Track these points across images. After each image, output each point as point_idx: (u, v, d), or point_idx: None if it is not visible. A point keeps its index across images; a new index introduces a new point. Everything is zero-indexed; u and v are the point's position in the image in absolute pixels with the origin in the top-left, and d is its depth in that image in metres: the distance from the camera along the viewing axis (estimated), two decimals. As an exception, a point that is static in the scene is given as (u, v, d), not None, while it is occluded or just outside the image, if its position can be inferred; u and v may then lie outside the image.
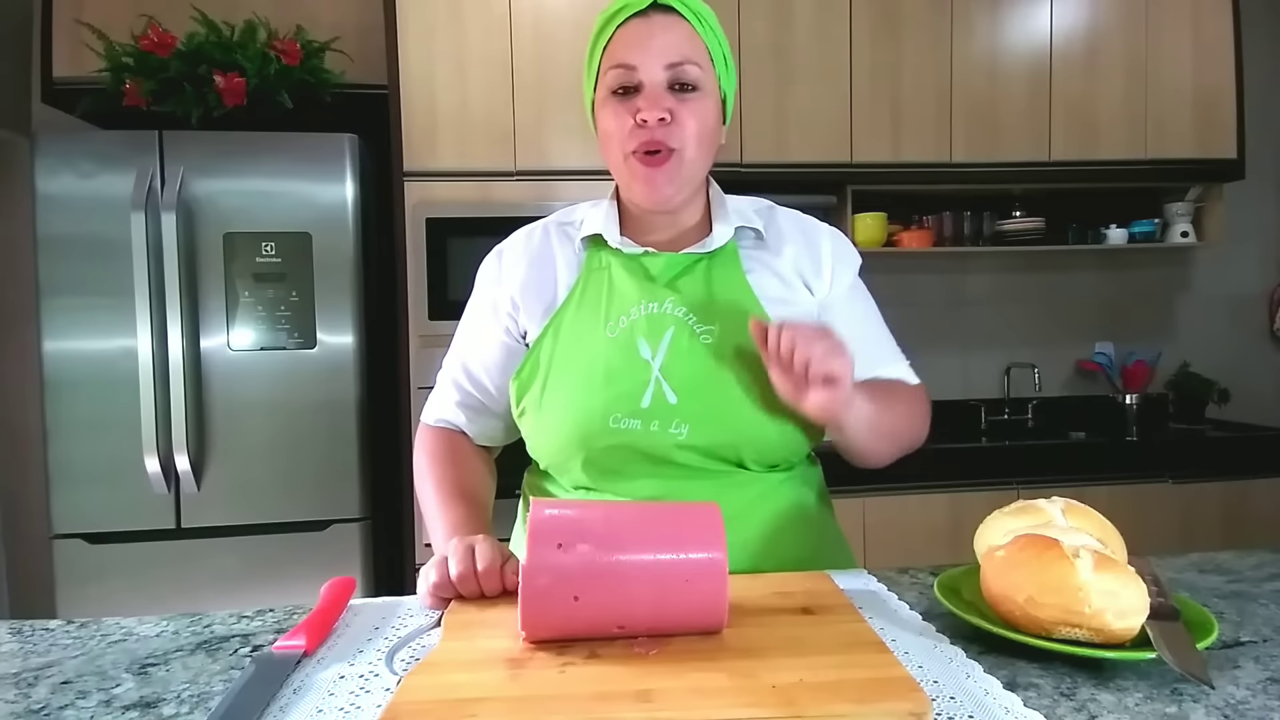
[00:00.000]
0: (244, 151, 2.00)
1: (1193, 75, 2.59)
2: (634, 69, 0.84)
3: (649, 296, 0.88)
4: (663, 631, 0.62)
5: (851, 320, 0.93)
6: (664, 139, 0.84)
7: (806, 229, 0.97)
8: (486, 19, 2.12)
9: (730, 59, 0.90)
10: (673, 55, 0.84)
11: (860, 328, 0.94)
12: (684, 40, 0.85)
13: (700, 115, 0.85)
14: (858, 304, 0.96)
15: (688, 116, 0.84)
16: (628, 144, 0.85)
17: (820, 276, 0.93)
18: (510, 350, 0.95)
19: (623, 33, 0.85)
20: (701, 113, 0.85)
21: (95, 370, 1.95)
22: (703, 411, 0.84)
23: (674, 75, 0.84)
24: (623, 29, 0.85)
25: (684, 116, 0.84)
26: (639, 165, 0.85)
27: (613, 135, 0.86)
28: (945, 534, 2.32)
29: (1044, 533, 0.67)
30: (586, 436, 0.85)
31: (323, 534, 2.06)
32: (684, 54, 0.84)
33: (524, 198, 2.13)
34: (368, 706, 0.57)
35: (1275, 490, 2.49)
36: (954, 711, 0.55)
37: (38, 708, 0.58)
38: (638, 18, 0.85)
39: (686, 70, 0.84)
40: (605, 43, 0.87)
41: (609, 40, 0.86)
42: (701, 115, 0.85)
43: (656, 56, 0.83)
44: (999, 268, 2.92)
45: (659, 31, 0.84)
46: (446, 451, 0.96)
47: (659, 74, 0.84)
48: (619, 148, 0.86)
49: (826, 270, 0.94)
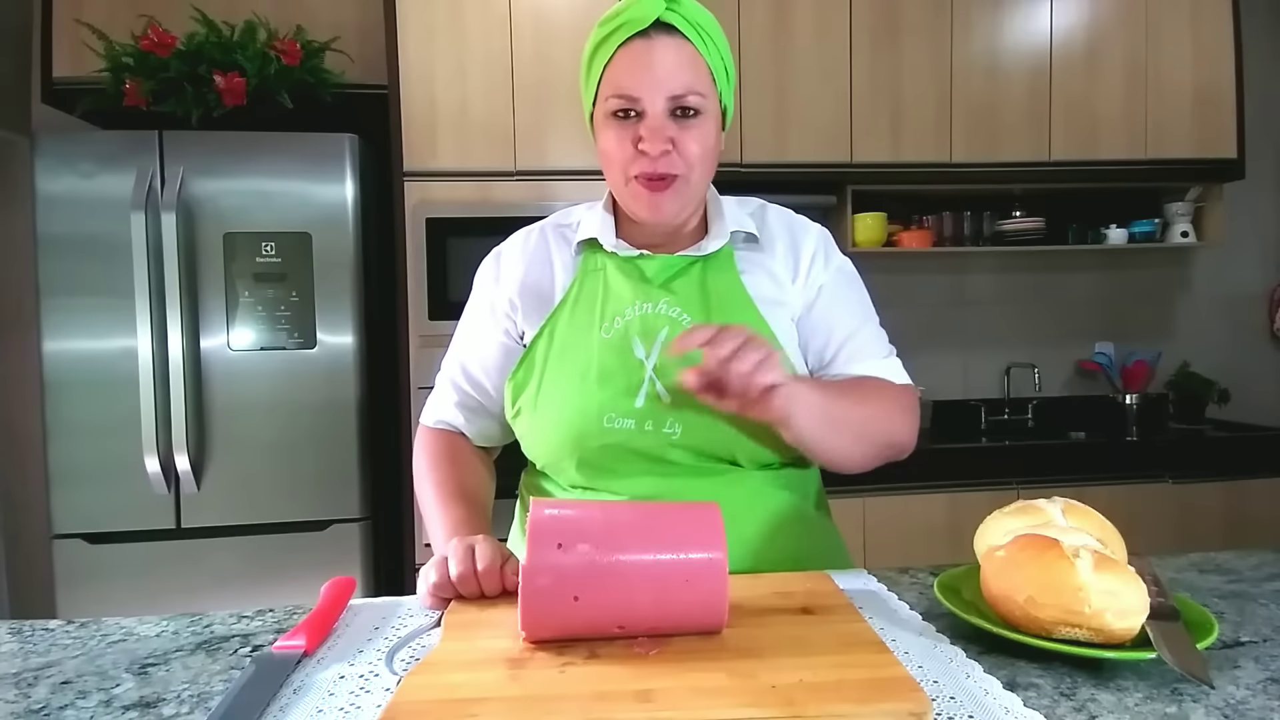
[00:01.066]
0: (244, 151, 2.00)
1: (1193, 75, 2.59)
2: (636, 100, 0.83)
3: (643, 297, 0.88)
4: (663, 631, 0.62)
5: (832, 315, 0.93)
6: (667, 168, 0.84)
7: (794, 228, 0.96)
8: (486, 19, 2.12)
9: (731, 68, 0.89)
10: (675, 86, 0.83)
11: (843, 322, 0.93)
12: (686, 66, 0.83)
13: (702, 139, 0.85)
14: (843, 299, 0.94)
15: (690, 142, 0.84)
16: (630, 168, 0.85)
17: (798, 274, 0.93)
18: (509, 351, 0.95)
19: (624, 56, 0.83)
20: (703, 136, 0.85)
21: (95, 370, 1.95)
22: (696, 411, 0.84)
23: (676, 104, 0.83)
24: (624, 50, 0.83)
25: (686, 143, 0.84)
26: (642, 190, 0.86)
27: (614, 158, 0.86)
28: (945, 534, 2.32)
29: (1044, 533, 0.67)
30: (581, 436, 0.86)
31: (323, 534, 2.06)
32: (687, 84, 0.83)
33: (524, 198, 2.13)
34: (368, 706, 0.57)
35: (1275, 490, 2.48)
36: (954, 711, 0.55)
37: (38, 708, 0.58)
38: (639, 38, 0.83)
39: (689, 99, 0.83)
40: (605, 62, 0.85)
41: (609, 60, 0.84)
42: (703, 139, 0.85)
43: (659, 87, 0.82)
44: (999, 268, 2.92)
45: (660, 56, 0.82)
46: (446, 452, 0.97)
47: (661, 104, 0.83)
48: (620, 170, 0.86)
49: (804, 267, 0.93)
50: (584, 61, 0.89)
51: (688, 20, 0.83)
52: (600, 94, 0.86)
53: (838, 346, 0.92)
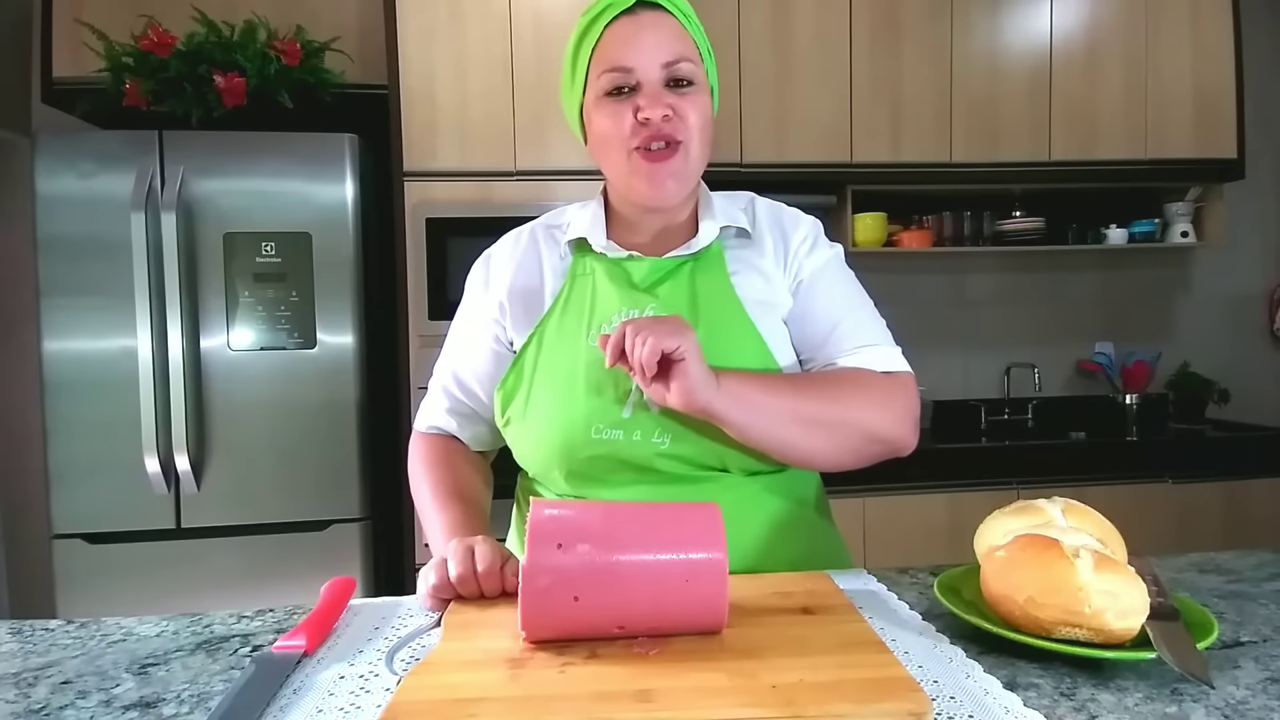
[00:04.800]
0: (244, 151, 2.00)
1: (1193, 75, 2.59)
2: (630, 70, 0.83)
3: (630, 303, 0.87)
4: (663, 631, 0.62)
5: (820, 303, 0.90)
6: (671, 132, 0.84)
7: (783, 219, 0.95)
8: (486, 19, 2.12)
9: (711, 51, 0.90)
10: (667, 54, 0.83)
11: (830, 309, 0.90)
12: (675, 37, 0.84)
13: (699, 109, 0.85)
14: (830, 287, 0.92)
15: (688, 110, 0.84)
16: (630, 141, 0.84)
17: (788, 263, 0.92)
18: (499, 358, 0.94)
19: (611, 34, 0.84)
20: (700, 106, 0.85)
21: (95, 370, 1.95)
22: (684, 421, 0.82)
23: (670, 73, 0.84)
24: (611, 30, 0.84)
25: (685, 110, 0.84)
26: (643, 162, 0.84)
27: (611, 136, 0.85)
28: (945, 534, 2.32)
29: (1044, 533, 0.67)
30: (569, 447, 0.84)
31: (323, 534, 2.06)
32: (678, 51, 0.84)
33: (524, 198, 2.13)
34: (368, 706, 0.57)
35: (1275, 490, 2.48)
36: (954, 711, 0.55)
37: (38, 708, 0.58)
38: (625, 16, 0.83)
39: (682, 67, 0.84)
40: (593, 45, 0.85)
41: (596, 42, 0.85)
42: (700, 109, 0.85)
43: (651, 55, 0.83)
44: (999, 268, 2.93)
45: (649, 29, 0.83)
46: (441, 455, 0.96)
47: (656, 72, 0.83)
48: (621, 146, 0.85)
49: (792, 254, 0.92)
50: (569, 54, 0.88)
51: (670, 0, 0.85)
52: (591, 77, 0.86)
53: (825, 334, 0.89)
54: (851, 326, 0.89)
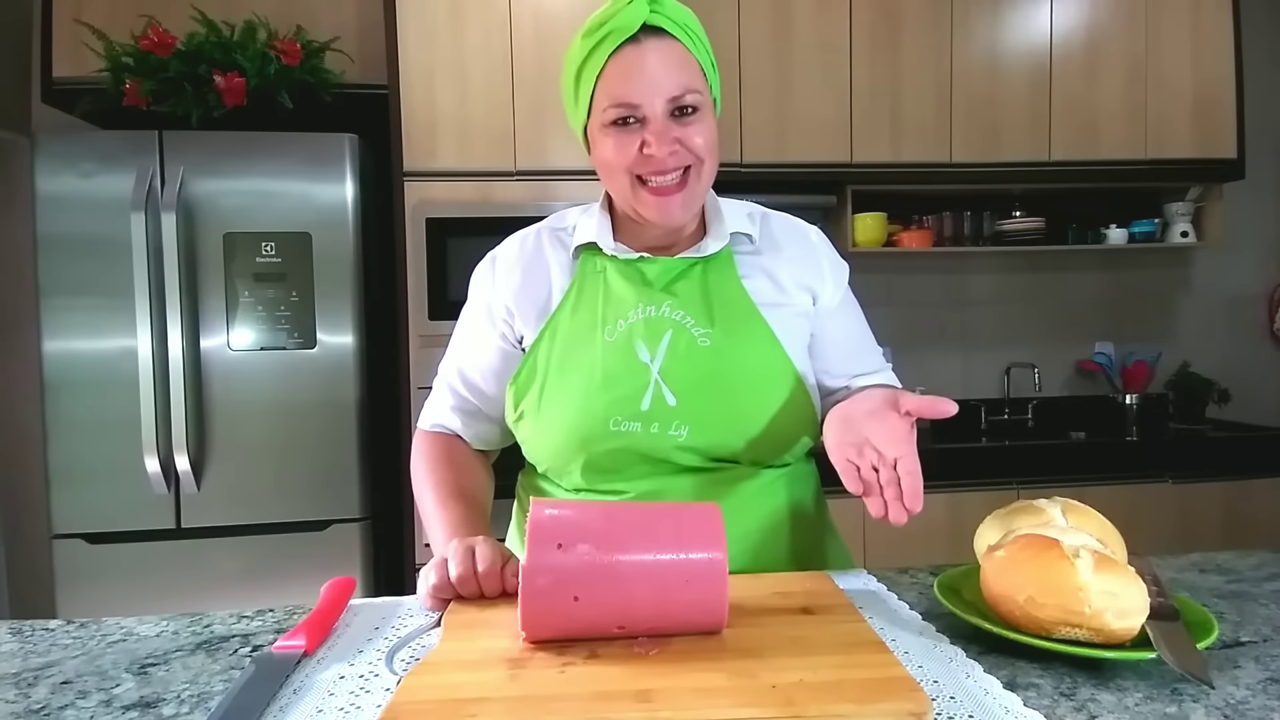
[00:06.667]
0: (244, 151, 2.00)
1: (1193, 75, 2.59)
2: (636, 106, 0.82)
3: (646, 300, 0.88)
4: (663, 631, 0.62)
5: (844, 327, 0.97)
6: (677, 163, 0.84)
7: (801, 236, 0.98)
8: (486, 19, 2.12)
9: (714, 59, 0.89)
10: (673, 87, 0.82)
11: (851, 334, 0.98)
12: (680, 67, 0.83)
13: (705, 132, 0.85)
14: (849, 311, 0.99)
15: (694, 137, 0.84)
16: (636, 168, 0.84)
17: (824, 285, 0.95)
18: (507, 355, 0.95)
19: (616, 65, 0.82)
20: (706, 130, 0.85)
21: (95, 370, 1.95)
22: (702, 413, 0.85)
23: (676, 104, 0.83)
24: (615, 59, 0.82)
25: (691, 138, 0.84)
26: (649, 195, 0.85)
27: (616, 164, 0.85)
28: (945, 534, 2.31)
29: (1044, 533, 0.67)
30: (587, 440, 0.86)
31: (323, 534, 2.06)
32: (683, 84, 0.82)
33: (524, 198, 2.13)
34: (368, 706, 0.57)
35: (1275, 490, 2.48)
36: (954, 711, 0.55)
37: (38, 708, 0.58)
38: (628, 44, 0.82)
39: (687, 99, 0.83)
40: (596, 73, 0.84)
41: (600, 71, 0.83)
42: (706, 132, 0.85)
43: (657, 91, 0.82)
44: (999, 268, 2.92)
45: (653, 59, 0.82)
46: (443, 454, 0.96)
47: (661, 107, 0.82)
48: (625, 173, 0.85)
49: (829, 279, 0.95)
50: (571, 75, 0.87)
51: (672, 20, 0.83)
52: (595, 105, 0.85)
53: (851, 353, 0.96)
54: (869, 349, 0.98)
